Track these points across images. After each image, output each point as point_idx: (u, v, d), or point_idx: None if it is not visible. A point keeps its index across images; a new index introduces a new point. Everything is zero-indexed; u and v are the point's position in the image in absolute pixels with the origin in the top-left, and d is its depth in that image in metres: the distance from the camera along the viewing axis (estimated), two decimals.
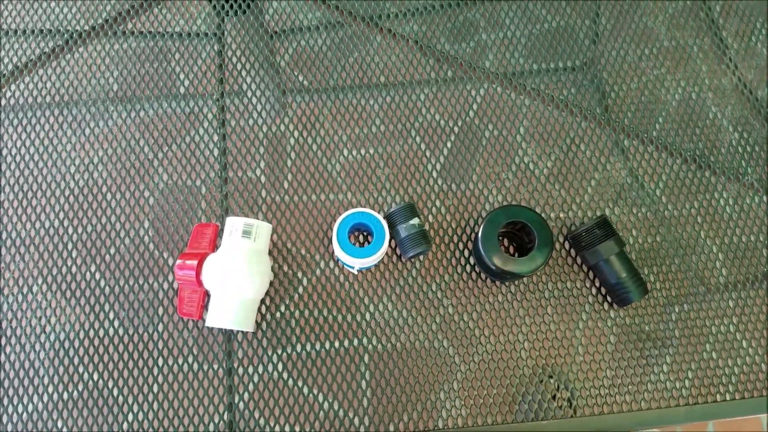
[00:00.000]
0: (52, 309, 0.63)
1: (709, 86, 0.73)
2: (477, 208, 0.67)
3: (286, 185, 0.68)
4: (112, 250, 0.65)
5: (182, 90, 0.71)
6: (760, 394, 0.62)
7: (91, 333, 0.62)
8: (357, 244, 0.66)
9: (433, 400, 0.61)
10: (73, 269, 0.64)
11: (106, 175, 0.68)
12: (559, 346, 0.63)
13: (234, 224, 0.61)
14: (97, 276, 0.64)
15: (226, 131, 0.69)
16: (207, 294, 0.61)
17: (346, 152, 0.69)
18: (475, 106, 0.71)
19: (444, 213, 0.67)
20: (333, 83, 0.72)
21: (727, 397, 0.62)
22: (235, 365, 0.62)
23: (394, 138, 0.70)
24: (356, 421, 0.61)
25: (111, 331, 0.63)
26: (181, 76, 0.71)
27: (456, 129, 0.70)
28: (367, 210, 0.62)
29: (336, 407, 0.61)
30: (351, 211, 0.63)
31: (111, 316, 0.63)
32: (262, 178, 0.68)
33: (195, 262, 0.59)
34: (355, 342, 0.63)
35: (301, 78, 0.72)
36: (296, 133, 0.70)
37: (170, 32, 0.73)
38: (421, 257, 0.65)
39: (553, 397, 0.62)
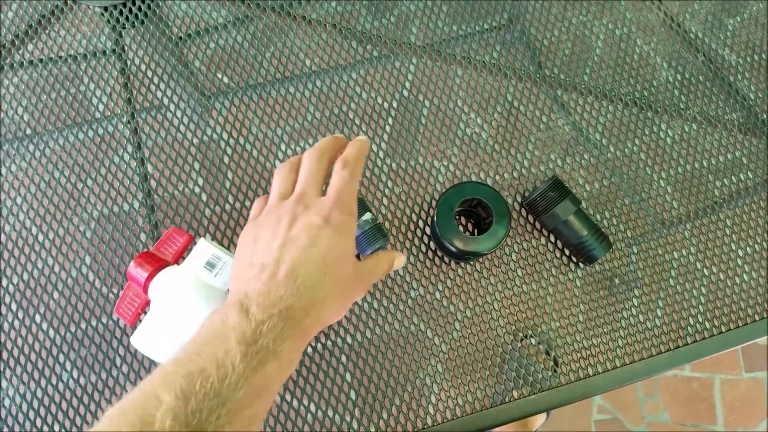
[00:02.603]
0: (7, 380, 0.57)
1: (638, 25, 0.71)
2: (428, 189, 0.64)
3: (230, 198, 0.63)
4: (56, 295, 0.60)
5: (96, 114, 0.65)
6: (729, 319, 0.63)
7: (50, 390, 0.57)
8: None
9: (421, 381, 0.59)
10: (11, 334, 0.58)
11: (35, 215, 0.62)
12: (535, 306, 0.61)
13: (202, 250, 0.54)
14: (44, 326, 0.59)
15: (143, 154, 0.64)
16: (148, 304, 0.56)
17: (284, 147, 0.65)
18: (407, 83, 0.68)
19: (396, 200, 0.64)
20: (259, 79, 0.67)
21: (698, 327, 0.62)
22: None
23: (333, 125, 0.66)
24: (347, 417, 0.58)
25: (71, 383, 0.58)
26: (91, 103, 0.65)
27: (394, 105, 0.67)
28: None
29: (324, 410, 0.58)
30: None
31: (68, 366, 0.58)
32: (197, 190, 0.63)
33: (150, 268, 0.53)
34: (329, 343, 0.60)
35: (221, 77, 0.67)
36: (225, 136, 0.65)
37: (63, 57, 0.67)
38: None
39: (535, 356, 0.61)
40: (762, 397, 1.35)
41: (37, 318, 0.59)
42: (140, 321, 0.55)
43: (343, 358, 0.60)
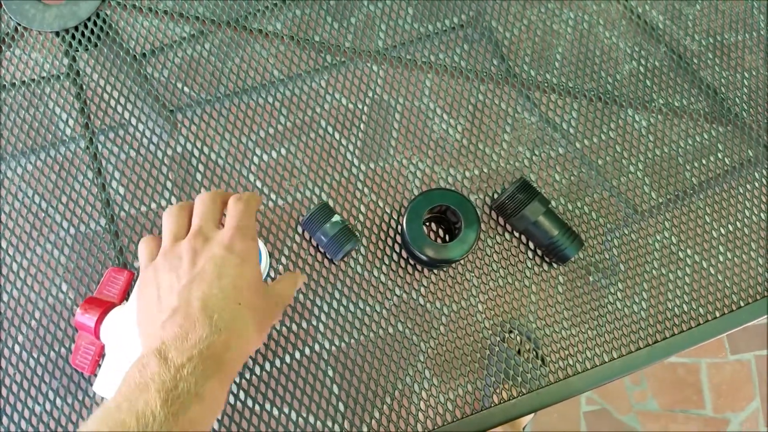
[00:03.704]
0: None
1: (597, 19, 0.71)
2: (397, 197, 0.63)
3: None
4: (45, 320, 0.59)
5: (55, 139, 0.63)
6: (707, 300, 0.63)
7: (26, 413, 0.56)
8: None
9: (403, 383, 0.59)
10: None
11: (12, 237, 0.61)
12: (519, 305, 0.61)
13: None
14: (18, 349, 0.58)
15: (105, 179, 0.62)
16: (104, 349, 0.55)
17: (258, 153, 0.64)
18: (374, 86, 0.67)
19: (365, 209, 0.63)
20: (224, 90, 0.66)
21: (681, 314, 0.62)
22: None
23: (299, 130, 0.65)
24: (332, 425, 0.57)
25: (48, 406, 0.57)
26: (48, 130, 0.64)
27: (360, 107, 0.66)
28: None
29: (306, 417, 0.57)
30: None
31: (43, 389, 0.57)
32: (173, 201, 0.61)
33: (97, 312, 0.53)
34: (307, 351, 0.59)
35: (182, 88, 0.65)
36: (194, 149, 0.64)
37: (17, 84, 0.65)
38: (354, 254, 0.61)
39: (519, 352, 0.60)
40: (749, 379, 1.36)
41: (9, 344, 0.58)
42: (99, 367, 0.54)
43: (323, 365, 0.59)
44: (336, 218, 0.59)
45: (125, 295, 0.57)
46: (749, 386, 1.36)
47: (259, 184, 0.63)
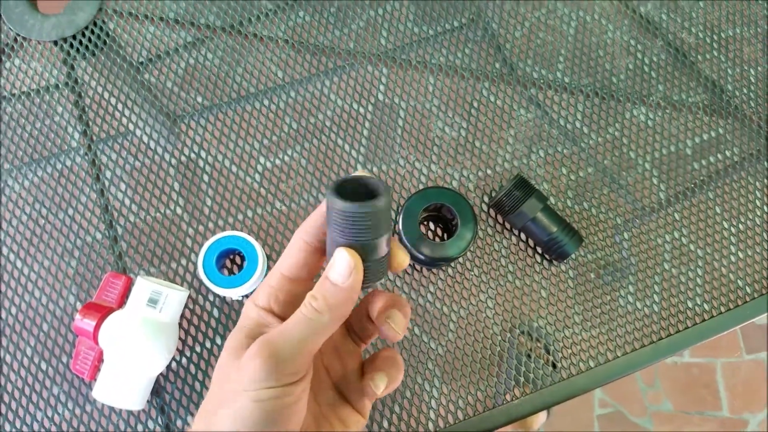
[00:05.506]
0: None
1: (593, 14, 0.71)
2: (395, 197, 0.63)
3: (212, 215, 0.62)
4: (45, 327, 0.59)
5: (54, 149, 0.64)
6: (720, 293, 0.62)
7: (46, 422, 0.57)
8: (226, 271, 0.61)
9: (417, 385, 0.58)
10: (3, 368, 0.57)
11: (18, 248, 0.61)
12: (529, 300, 0.60)
13: (141, 288, 0.54)
14: (19, 356, 0.58)
15: (104, 185, 0.63)
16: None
17: (263, 160, 0.64)
18: (379, 89, 0.67)
19: None
20: (229, 95, 0.66)
21: (693, 308, 0.61)
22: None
23: (310, 133, 0.65)
24: None
25: (49, 412, 0.57)
26: (48, 138, 0.64)
27: (369, 110, 0.66)
28: (236, 233, 0.58)
29: None
30: (217, 236, 0.57)
31: (45, 395, 0.57)
32: (178, 210, 0.62)
33: (96, 317, 0.54)
34: None
35: (193, 95, 0.66)
36: (201, 157, 0.64)
37: (17, 94, 0.66)
38: None
39: (530, 354, 0.60)
40: (765, 378, 1.33)
41: (11, 349, 0.59)
42: (99, 372, 0.55)
43: None
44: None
45: (123, 300, 0.57)
46: (766, 386, 1.33)
47: (263, 190, 0.63)
